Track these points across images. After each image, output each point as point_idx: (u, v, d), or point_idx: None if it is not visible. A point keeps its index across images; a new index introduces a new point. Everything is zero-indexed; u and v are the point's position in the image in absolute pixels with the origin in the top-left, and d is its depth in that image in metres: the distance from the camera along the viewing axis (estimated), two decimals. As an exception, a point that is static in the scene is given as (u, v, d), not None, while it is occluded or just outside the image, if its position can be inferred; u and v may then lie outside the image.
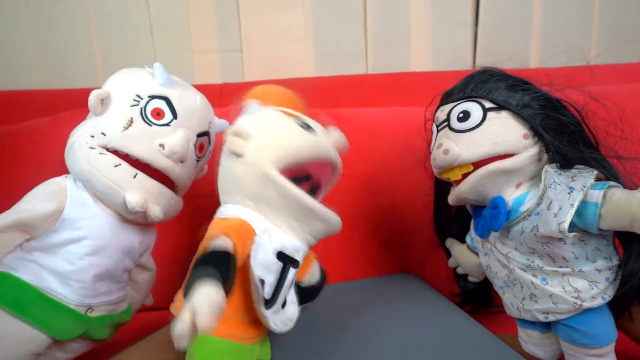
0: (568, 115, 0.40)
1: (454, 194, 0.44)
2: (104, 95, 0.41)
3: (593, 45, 0.89)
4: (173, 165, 0.41)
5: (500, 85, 0.42)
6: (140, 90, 0.42)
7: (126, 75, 0.43)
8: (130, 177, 0.40)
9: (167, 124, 0.41)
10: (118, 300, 0.43)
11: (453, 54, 0.88)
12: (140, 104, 0.41)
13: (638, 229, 0.34)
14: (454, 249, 0.53)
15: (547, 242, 0.38)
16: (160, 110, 0.41)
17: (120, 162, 0.40)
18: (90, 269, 0.39)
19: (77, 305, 0.39)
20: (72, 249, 0.39)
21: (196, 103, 0.44)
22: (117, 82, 0.43)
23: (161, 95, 0.42)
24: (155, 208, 0.41)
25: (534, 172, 0.40)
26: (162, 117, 0.41)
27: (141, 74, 0.43)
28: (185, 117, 0.42)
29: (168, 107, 0.41)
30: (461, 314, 0.46)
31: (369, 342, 0.41)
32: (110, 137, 0.40)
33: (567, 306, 0.39)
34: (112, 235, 0.41)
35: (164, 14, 0.85)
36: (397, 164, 0.63)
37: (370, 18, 0.87)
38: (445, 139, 0.42)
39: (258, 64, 0.87)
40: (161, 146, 0.40)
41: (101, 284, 0.41)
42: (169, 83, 0.42)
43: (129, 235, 0.42)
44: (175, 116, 0.41)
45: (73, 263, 0.39)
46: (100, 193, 0.40)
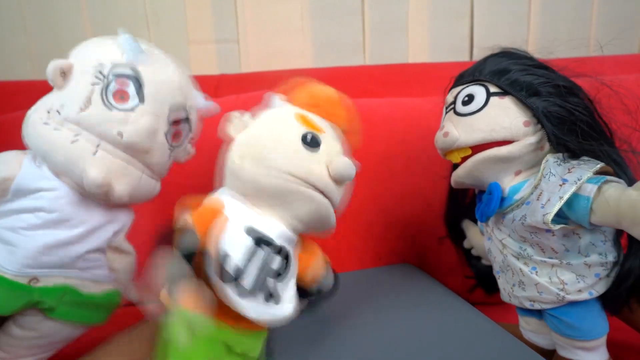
0: (577, 103, 0.39)
1: (452, 178, 0.44)
2: (65, 67, 0.36)
3: (592, 37, 0.89)
4: (133, 154, 0.37)
5: (513, 67, 0.41)
6: (104, 65, 0.36)
7: (93, 44, 0.38)
8: (89, 153, 0.36)
9: (130, 109, 0.36)
10: (84, 277, 0.39)
11: (451, 45, 0.88)
12: (103, 83, 0.36)
13: (625, 227, 0.33)
14: (469, 231, 0.52)
15: (535, 232, 0.38)
16: (124, 92, 0.36)
17: (77, 137, 0.36)
18: (40, 238, 0.36)
19: (15, 275, 0.36)
20: (24, 217, 0.36)
21: (172, 84, 0.38)
22: (82, 53, 0.38)
23: (129, 74, 0.36)
24: (119, 187, 0.37)
25: (534, 161, 0.40)
26: (125, 100, 0.36)
27: (110, 45, 0.37)
28: (155, 102, 0.37)
29: (135, 89, 0.36)
30: (464, 304, 0.46)
31: (371, 333, 0.41)
32: (65, 116, 0.36)
33: (551, 297, 0.39)
34: (71, 209, 0.37)
35: (159, 3, 0.84)
36: (398, 154, 0.63)
37: (368, 9, 0.86)
38: (447, 122, 0.42)
39: (255, 55, 0.86)
40: (119, 135, 0.36)
41: (54, 257, 0.37)
42: (139, 58, 0.37)
43: (93, 213, 0.38)
44: (141, 100, 0.36)
45: (20, 231, 0.36)
46: (58, 169, 0.37)
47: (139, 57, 0.37)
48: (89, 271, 0.40)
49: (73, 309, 0.39)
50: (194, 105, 0.41)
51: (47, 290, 0.37)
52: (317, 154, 0.34)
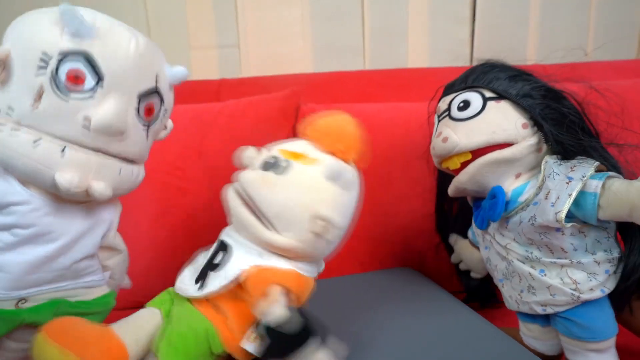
0: (568, 106, 0.40)
1: (453, 185, 0.44)
2: (2, 55, 0.31)
3: (590, 42, 0.89)
4: (108, 141, 0.33)
5: (501, 75, 0.42)
6: (47, 46, 0.31)
7: (29, 25, 0.32)
8: (57, 153, 0.32)
9: (90, 89, 0.31)
10: (75, 287, 0.37)
11: (451, 50, 0.88)
12: (50, 67, 0.31)
13: (637, 218, 0.34)
14: (457, 244, 0.52)
15: (545, 233, 0.38)
16: (77, 72, 0.31)
17: (39, 136, 0.31)
18: (21, 258, 0.33)
19: (1, 300, 0.33)
20: (1, 237, 0.33)
21: (130, 54, 0.33)
22: (18, 37, 0.32)
23: (76, 50, 0.31)
24: (99, 184, 0.33)
25: (533, 163, 0.40)
26: (81, 82, 0.31)
27: (48, 22, 0.31)
28: (116, 77, 0.32)
29: (88, 67, 0.31)
30: (464, 308, 0.46)
31: (372, 336, 0.41)
32: (20, 113, 0.31)
33: (565, 298, 0.38)
34: (49, 221, 0.33)
35: (161, 9, 0.85)
36: (397, 158, 0.63)
37: (368, 14, 0.87)
38: (444, 128, 0.42)
39: (256, 59, 0.87)
40: (87, 120, 0.32)
41: (41, 275, 0.34)
42: (86, 31, 0.31)
43: (76, 220, 0.35)
44: (100, 78, 0.32)
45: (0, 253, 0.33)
46: (25, 176, 0.32)
47: (84, 31, 0.31)
48: (82, 279, 0.37)
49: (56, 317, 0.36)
50: (161, 74, 0.36)
51: (37, 309, 0.35)
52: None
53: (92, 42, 0.32)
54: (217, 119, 0.64)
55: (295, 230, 0.35)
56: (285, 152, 0.37)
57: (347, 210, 0.38)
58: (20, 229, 0.33)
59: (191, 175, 0.49)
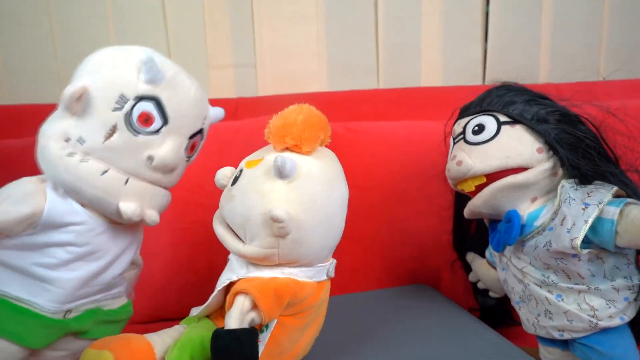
0: (585, 131, 0.40)
1: (468, 208, 0.44)
2: (81, 92, 0.34)
3: (602, 61, 0.89)
4: (161, 177, 0.38)
5: (517, 99, 0.42)
6: (124, 88, 0.35)
7: (108, 66, 0.36)
8: (121, 183, 0.35)
9: (156, 131, 0.36)
10: (106, 297, 0.40)
11: (464, 69, 0.89)
12: (125, 108, 0.35)
13: None
14: (474, 263, 0.52)
15: (561, 258, 0.38)
16: (148, 115, 0.35)
17: (107, 167, 0.35)
18: (75, 274, 0.36)
19: (53, 312, 0.36)
20: (54, 252, 0.35)
21: (190, 100, 0.38)
22: (98, 76, 0.36)
23: (150, 95, 0.35)
24: (152, 213, 0.38)
25: (549, 187, 0.40)
26: (150, 123, 0.35)
27: (126, 65, 0.36)
28: (178, 120, 0.37)
29: (158, 111, 0.35)
30: (483, 326, 0.46)
31: (389, 354, 0.41)
32: (90, 146, 0.35)
33: (583, 324, 0.38)
34: (102, 240, 0.37)
35: (181, 30, 0.88)
36: (413, 176, 0.63)
37: (382, 34, 0.88)
38: (459, 151, 0.43)
39: (272, 78, 0.89)
40: (149, 159, 0.36)
41: (88, 289, 0.37)
42: (160, 79, 0.35)
43: (120, 239, 0.39)
44: (165, 121, 0.36)
45: (53, 268, 0.35)
46: (89, 202, 0.35)
47: (158, 77, 0.35)
48: (112, 291, 0.41)
49: (101, 327, 0.40)
50: (208, 116, 0.41)
51: (80, 319, 0.38)
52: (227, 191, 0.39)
53: (163, 90, 0.36)
54: (235, 137, 0.66)
55: (258, 237, 0.34)
56: (248, 163, 0.38)
57: (311, 203, 0.35)
58: (75, 247, 0.36)
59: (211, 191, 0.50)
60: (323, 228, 0.36)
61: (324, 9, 0.87)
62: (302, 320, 0.37)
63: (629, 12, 0.88)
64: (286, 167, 0.33)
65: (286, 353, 0.36)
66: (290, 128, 0.36)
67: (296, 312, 0.36)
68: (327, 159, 0.38)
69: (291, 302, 0.35)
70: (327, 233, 0.37)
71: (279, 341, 0.35)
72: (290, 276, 0.36)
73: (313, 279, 0.37)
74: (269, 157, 0.36)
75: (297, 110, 0.37)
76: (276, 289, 0.34)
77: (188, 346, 0.34)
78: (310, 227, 0.35)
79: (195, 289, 0.40)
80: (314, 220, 0.35)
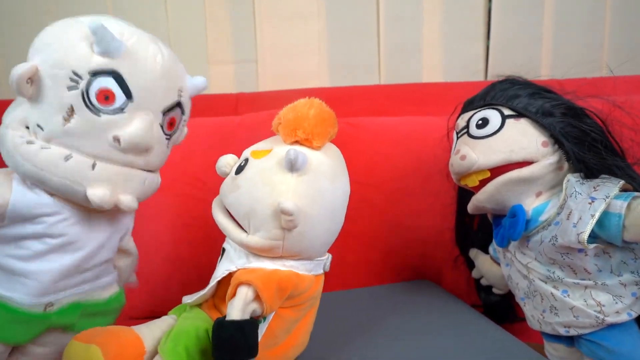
0: (591, 124, 0.40)
1: (472, 203, 0.43)
2: (30, 73, 0.31)
3: (604, 58, 0.89)
4: (135, 158, 0.34)
5: (521, 93, 0.42)
6: (75, 64, 0.31)
7: (57, 41, 0.32)
8: (87, 168, 0.32)
9: (120, 108, 0.32)
10: (93, 287, 0.38)
11: (465, 66, 0.89)
12: (80, 86, 0.31)
13: None
14: (478, 259, 0.52)
15: (567, 253, 0.37)
16: (107, 91, 0.31)
17: (70, 152, 0.32)
18: (52, 266, 0.34)
19: (31, 306, 0.34)
20: (29, 245, 0.33)
21: (157, 71, 0.33)
22: (46, 53, 0.32)
23: (107, 69, 0.31)
24: (126, 198, 0.34)
25: (554, 181, 0.40)
26: (111, 101, 0.32)
27: (78, 38, 0.32)
28: (145, 94, 0.33)
29: (119, 86, 0.32)
30: (487, 322, 0.46)
31: (392, 349, 0.40)
32: (50, 132, 0.32)
33: (589, 320, 0.38)
34: (78, 229, 0.35)
35: (181, 25, 0.87)
36: (415, 171, 0.63)
37: (383, 31, 0.88)
38: (463, 145, 0.42)
39: (273, 76, 0.89)
40: (116, 140, 0.32)
41: (68, 280, 0.36)
42: (115, 49, 0.31)
43: (100, 228, 0.36)
44: (129, 97, 0.32)
45: (28, 261, 0.33)
46: (56, 191, 0.33)
47: (114, 49, 0.31)
48: (98, 280, 0.39)
49: (90, 320, 0.39)
50: (184, 87, 0.37)
51: (64, 312, 0.36)
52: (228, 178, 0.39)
53: (121, 60, 0.32)
54: (236, 132, 0.65)
55: (264, 228, 0.34)
56: (254, 152, 0.37)
57: (318, 198, 0.35)
58: (50, 238, 0.34)
59: (212, 187, 0.50)
60: (327, 223, 0.36)
61: (325, 6, 0.87)
62: (298, 312, 0.37)
63: (632, 10, 0.87)
64: (298, 160, 0.33)
65: (279, 344, 0.36)
66: (302, 122, 0.35)
67: (294, 305, 0.36)
68: (334, 154, 0.38)
69: (291, 295, 0.35)
70: (330, 228, 0.37)
71: (275, 332, 0.35)
72: (291, 269, 0.35)
73: (312, 272, 0.37)
74: (279, 148, 0.36)
75: (308, 104, 0.36)
76: (279, 281, 0.34)
77: (182, 337, 0.33)
78: (316, 222, 0.35)
79: (195, 285, 0.40)
80: (320, 215, 0.35)
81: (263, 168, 0.35)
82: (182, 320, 0.36)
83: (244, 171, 0.36)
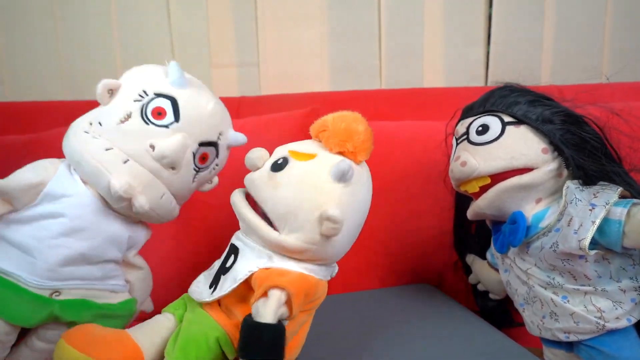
0: (590, 131, 0.40)
1: (472, 209, 0.44)
2: (112, 86, 0.40)
3: (605, 64, 0.89)
4: (161, 169, 0.39)
5: (521, 100, 0.42)
6: (147, 86, 0.40)
7: (142, 69, 0.42)
8: (119, 161, 0.38)
9: (165, 125, 0.39)
10: (102, 287, 0.40)
11: (466, 71, 0.89)
12: (144, 101, 0.39)
13: None
14: (475, 265, 0.52)
15: (568, 259, 0.38)
16: (162, 109, 0.39)
17: (112, 146, 0.38)
18: (60, 250, 0.37)
19: (37, 288, 0.37)
20: (47, 224, 0.37)
21: (206, 110, 0.41)
22: (130, 75, 0.42)
23: (168, 94, 0.39)
24: (141, 197, 0.38)
25: (554, 188, 0.40)
26: (162, 117, 0.39)
27: (156, 70, 0.41)
28: (189, 122, 0.39)
29: (172, 109, 0.39)
30: (486, 326, 0.46)
31: (393, 353, 0.41)
32: (105, 128, 0.39)
33: (590, 326, 0.38)
34: (93, 218, 0.39)
35: (184, 29, 0.88)
36: (416, 175, 0.63)
37: (384, 35, 0.88)
38: (463, 152, 0.42)
39: (275, 79, 0.89)
40: (151, 147, 0.38)
41: (74, 269, 0.38)
42: (181, 83, 0.40)
43: (113, 224, 0.40)
44: (177, 119, 0.39)
45: (42, 240, 0.37)
46: (87, 175, 0.38)
47: (180, 81, 0.40)
48: (107, 281, 0.41)
49: (98, 321, 0.39)
50: (225, 134, 0.43)
51: (67, 304, 0.38)
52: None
53: (182, 92, 0.40)
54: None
55: (303, 231, 0.34)
56: (294, 153, 0.37)
57: (356, 210, 0.36)
58: (65, 219, 0.38)
59: (214, 189, 0.50)
60: (354, 233, 0.38)
61: (327, 10, 0.87)
62: (308, 316, 0.37)
63: (632, 15, 0.88)
64: (349, 173, 0.34)
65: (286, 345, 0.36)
66: (353, 135, 0.36)
67: (307, 309, 0.36)
68: (366, 168, 0.39)
69: (310, 300, 0.35)
70: (355, 237, 0.39)
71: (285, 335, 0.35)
72: (311, 273, 0.36)
73: (325, 279, 0.37)
74: (325, 155, 0.36)
75: (355, 119, 0.37)
76: (307, 289, 0.34)
77: (192, 347, 0.33)
78: (349, 231, 0.36)
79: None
80: (353, 225, 0.37)
81: (311, 172, 0.35)
82: (189, 325, 0.35)
83: (284, 170, 0.36)
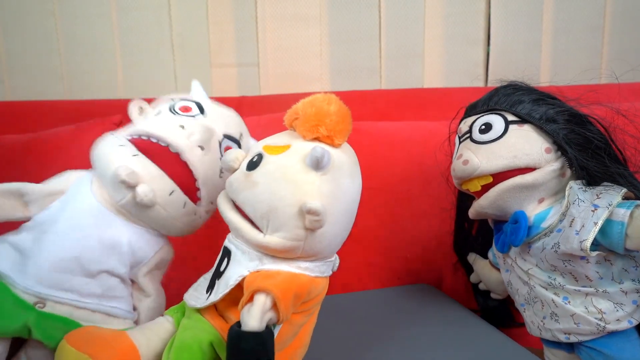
0: (594, 131, 0.40)
1: (473, 208, 0.43)
2: (143, 105, 0.45)
3: (603, 65, 0.89)
4: (191, 146, 0.40)
5: (525, 98, 0.42)
6: (175, 98, 0.46)
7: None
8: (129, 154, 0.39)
9: (192, 116, 0.43)
10: (98, 308, 0.37)
11: (466, 71, 0.89)
12: (171, 103, 0.44)
13: None
14: (476, 264, 0.52)
15: (569, 260, 0.37)
16: (188, 107, 0.43)
17: (137, 152, 0.39)
18: (52, 249, 0.36)
19: (24, 292, 0.35)
20: (46, 226, 0.38)
21: (228, 111, 0.46)
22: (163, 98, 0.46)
23: (193, 101, 0.45)
24: (144, 186, 0.37)
25: (556, 188, 0.40)
26: (189, 110, 0.43)
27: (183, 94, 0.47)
28: (214, 117, 0.44)
29: (197, 107, 0.44)
30: (487, 326, 0.46)
31: (392, 354, 0.40)
32: (137, 125, 0.42)
33: (590, 327, 0.38)
34: (89, 219, 0.38)
35: (185, 29, 0.88)
36: (416, 175, 0.63)
37: (384, 35, 0.88)
38: (465, 150, 0.42)
39: (275, 79, 0.89)
40: (181, 126, 0.41)
41: (66, 276, 0.36)
42: (203, 97, 0.46)
43: (112, 227, 0.38)
44: (202, 113, 0.43)
45: (37, 241, 0.37)
46: (99, 170, 0.40)
47: (202, 96, 0.46)
48: (106, 302, 0.38)
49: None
50: (245, 137, 0.47)
51: (45, 317, 0.35)
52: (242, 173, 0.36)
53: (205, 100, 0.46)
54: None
55: (286, 229, 0.32)
56: (268, 148, 0.35)
57: (340, 197, 0.34)
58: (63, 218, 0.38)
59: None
60: (346, 222, 0.35)
61: (327, 10, 0.87)
62: (306, 316, 0.36)
63: (631, 16, 0.88)
64: (325, 159, 0.32)
65: (284, 348, 0.35)
66: (324, 118, 0.33)
67: (303, 310, 0.35)
68: (350, 151, 0.36)
69: (303, 300, 0.34)
70: (347, 227, 0.36)
71: (283, 337, 0.34)
72: (305, 271, 0.34)
73: (324, 274, 0.36)
74: (298, 145, 0.34)
75: (327, 100, 0.34)
76: (297, 290, 0.32)
77: (185, 353, 0.32)
78: (337, 221, 0.34)
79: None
80: (340, 214, 0.34)
81: (284, 165, 0.33)
82: (183, 332, 0.34)
83: (259, 167, 0.34)
